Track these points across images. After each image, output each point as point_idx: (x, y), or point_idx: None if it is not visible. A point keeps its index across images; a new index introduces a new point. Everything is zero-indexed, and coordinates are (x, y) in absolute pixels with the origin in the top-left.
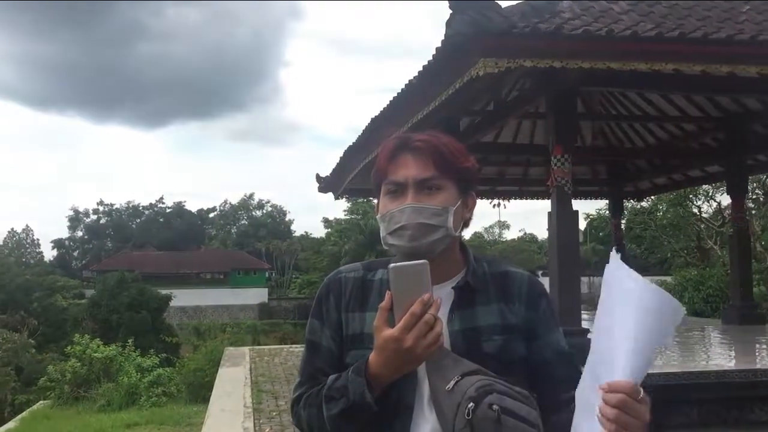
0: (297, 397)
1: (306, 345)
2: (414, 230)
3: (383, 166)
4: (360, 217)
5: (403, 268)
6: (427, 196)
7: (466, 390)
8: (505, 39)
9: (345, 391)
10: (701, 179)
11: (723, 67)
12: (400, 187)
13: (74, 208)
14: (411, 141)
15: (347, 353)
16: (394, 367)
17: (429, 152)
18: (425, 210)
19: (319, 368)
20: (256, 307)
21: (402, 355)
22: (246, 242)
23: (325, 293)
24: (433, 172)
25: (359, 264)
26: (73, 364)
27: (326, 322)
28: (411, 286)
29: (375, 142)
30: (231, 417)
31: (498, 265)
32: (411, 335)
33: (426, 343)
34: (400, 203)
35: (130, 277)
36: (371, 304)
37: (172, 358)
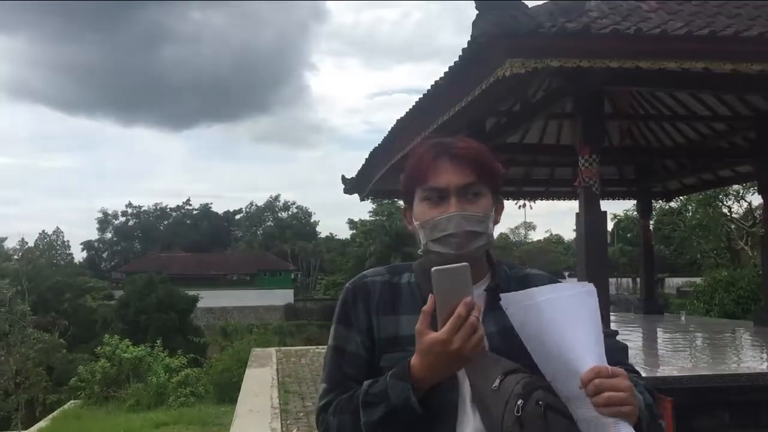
0: (325, 404)
1: (331, 351)
2: (462, 238)
3: (422, 172)
4: (385, 218)
5: (446, 271)
6: (469, 203)
7: (512, 388)
8: (532, 39)
9: (385, 397)
10: (731, 179)
11: (754, 66)
12: (441, 193)
13: (103, 210)
14: (452, 147)
15: (380, 357)
16: (440, 370)
17: (470, 159)
18: (471, 217)
19: (347, 374)
20: (282, 308)
21: (449, 357)
22: (272, 244)
23: (352, 298)
24: (474, 178)
25: (382, 268)
26: (103, 365)
27: (354, 326)
28: (454, 289)
29: (401, 144)
30: (259, 417)
31: (518, 270)
32: (458, 337)
33: (471, 345)
34: (442, 210)
35: (158, 278)
36: (403, 307)
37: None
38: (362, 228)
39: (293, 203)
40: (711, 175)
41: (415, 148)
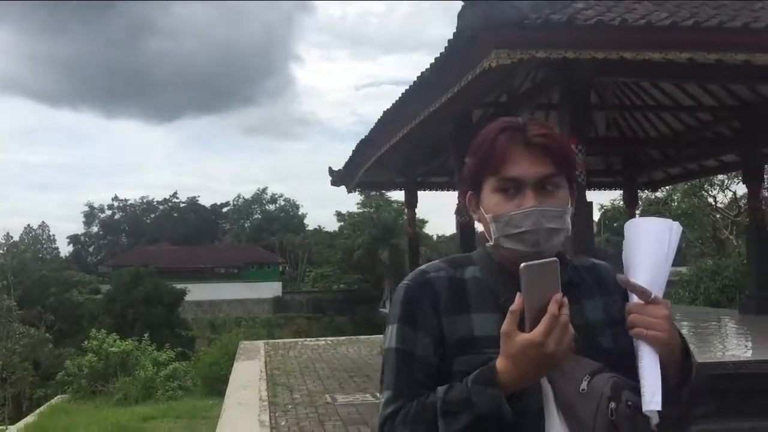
0: (392, 413)
1: (395, 355)
2: (539, 236)
3: (494, 160)
4: (373, 210)
5: (536, 267)
6: (546, 197)
7: (601, 389)
8: (518, 30)
9: (468, 405)
10: (716, 169)
11: (738, 56)
12: (517, 185)
13: (89, 203)
14: (527, 133)
15: (453, 360)
16: (532, 374)
17: (548, 147)
18: (550, 213)
19: (416, 380)
20: (271, 301)
21: (543, 360)
22: (259, 236)
23: (416, 296)
24: (553, 169)
25: (440, 262)
26: (90, 359)
27: (422, 328)
28: (543, 286)
29: (387, 136)
30: (247, 410)
31: (582, 259)
32: (552, 339)
33: (565, 346)
34: (518, 204)
35: (145, 272)
36: (473, 304)
37: (187, 352)
38: (350, 220)
39: (281, 196)
40: (696, 165)
41: (485, 131)
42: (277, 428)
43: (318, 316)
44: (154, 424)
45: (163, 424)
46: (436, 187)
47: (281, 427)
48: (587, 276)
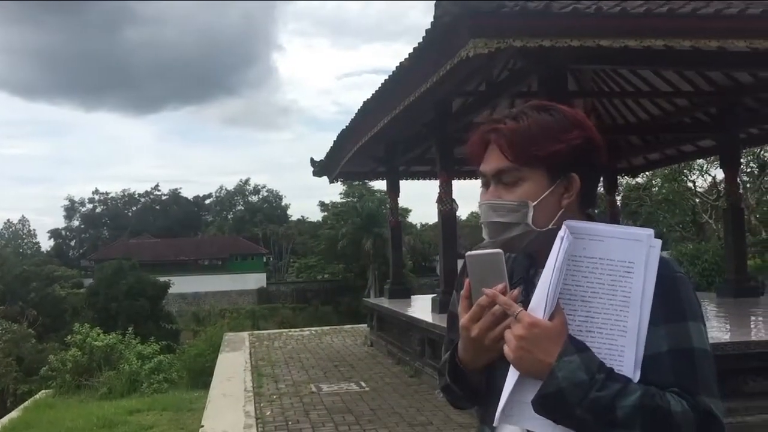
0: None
1: (448, 317)
2: (489, 228)
3: (474, 156)
4: (356, 199)
5: (477, 257)
6: (505, 190)
7: None
8: (495, 19)
9: (445, 368)
10: (694, 154)
11: (712, 42)
12: (485, 179)
13: (70, 197)
14: (493, 129)
15: None
16: (470, 355)
17: (506, 141)
18: (500, 207)
19: (452, 339)
20: (255, 292)
21: (471, 344)
22: (243, 228)
23: (463, 267)
24: (508, 163)
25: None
26: (74, 353)
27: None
28: (487, 275)
29: (368, 126)
30: (232, 401)
31: None
32: (476, 326)
33: (493, 336)
34: (482, 197)
35: (128, 265)
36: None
37: (172, 345)
38: (333, 210)
39: (263, 187)
40: (674, 150)
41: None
42: (262, 418)
43: (302, 307)
44: (140, 416)
45: (148, 417)
46: (419, 176)
47: (266, 418)
48: None
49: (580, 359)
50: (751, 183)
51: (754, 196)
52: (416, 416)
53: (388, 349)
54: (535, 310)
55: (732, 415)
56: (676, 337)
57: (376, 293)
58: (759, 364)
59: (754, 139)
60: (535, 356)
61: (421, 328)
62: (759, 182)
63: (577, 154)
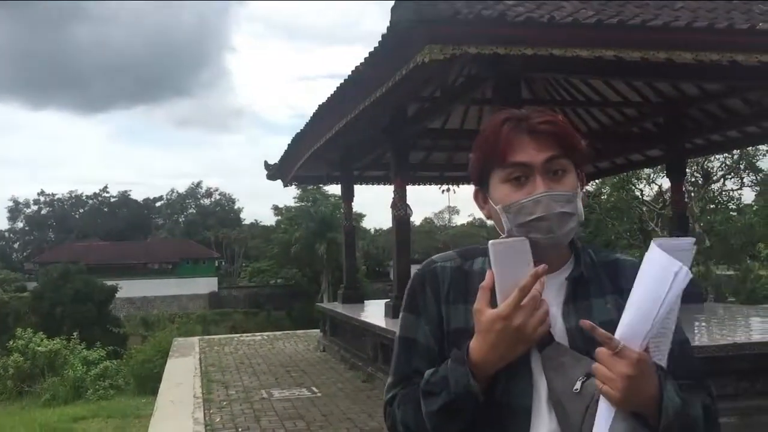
0: (391, 398)
1: (399, 342)
2: (552, 221)
3: (499, 150)
4: (310, 203)
5: (505, 245)
6: (555, 181)
7: (594, 391)
8: (450, 26)
9: (446, 384)
10: (642, 163)
11: (660, 54)
12: (524, 171)
13: (14, 198)
14: (529, 120)
15: (449, 350)
16: (502, 351)
17: (551, 131)
18: (560, 197)
19: (415, 368)
20: (206, 297)
21: (510, 335)
22: (194, 231)
23: (420, 285)
24: (559, 151)
25: (453, 253)
26: (15, 359)
27: (423, 316)
28: (514, 264)
29: (323, 130)
30: (181, 408)
31: (606, 254)
32: (521, 312)
33: (535, 321)
34: (528, 191)
35: (75, 268)
36: (473, 297)
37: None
38: (287, 214)
39: (216, 190)
40: (623, 159)
41: (488, 124)
42: (212, 425)
43: (255, 312)
44: (85, 424)
45: (93, 424)
46: (373, 180)
47: (216, 424)
48: (603, 272)
49: (671, 385)
50: (695, 192)
51: (698, 204)
52: (368, 422)
53: (341, 354)
54: (630, 341)
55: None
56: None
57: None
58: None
59: (699, 150)
60: (643, 392)
61: (374, 333)
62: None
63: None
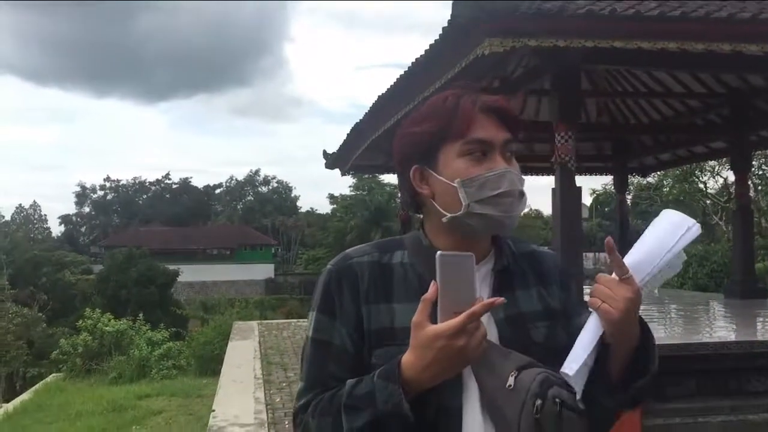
0: (304, 404)
1: (311, 345)
2: (515, 198)
3: (460, 123)
4: (366, 193)
5: (452, 259)
6: (509, 162)
7: (528, 386)
8: (510, 19)
9: (371, 400)
10: (705, 155)
11: (725, 46)
12: (483, 148)
13: (81, 183)
14: (487, 100)
15: (372, 352)
16: (439, 370)
17: (508, 113)
18: (518, 176)
19: (330, 372)
20: (263, 283)
21: (451, 355)
22: (252, 218)
23: (336, 283)
24: (512, 135)
25: (368, 246)
26: (84, 338)
27: (339, 317)
28: (457, 278)
29: (382, 120)
30: (242, 388)
31: (523, 245)
32: (464, 334)
33: (476, 341)
34: (488, 167)
35: (138, 252)
36: (397, 293)
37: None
38: (342, 203)
39: (273, 178)
40: (685, 151)
41: (440, 97)
42: (272, 404)
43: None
44: (149, 401)
45: (158, 402)
46: None
47: (276, 404)
48: (524, 263)
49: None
50: (762, 186)
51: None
52: None
53: None
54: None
55: (735, 414)
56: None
57: None
58: (763, 363)
59: (765, 142)
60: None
61: None
62: None
63: None
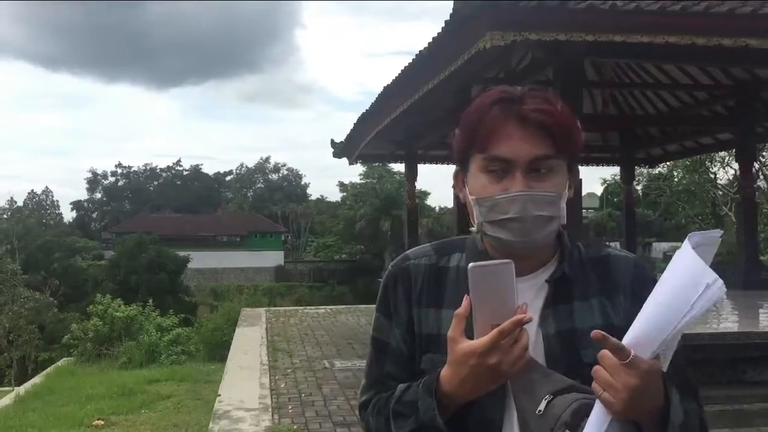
0: (364, 402)
1: (372, 343)
2: (527, 223)
3: (482, 135)
4: (376, 181)
5: (486, 269)
6: (537, 180)
7: (560, 414)
8: (512, 13)
9: (415, 409)
10: (712, 146)
11: (725, 40)
12: (505, 165)
13: (92, 170)
14: (525, 108)
15: (421, 356)
16: (473, 386)
17: (547, 124)
18: (541, 199)
19: (388, 372)
20: (272, 270)
21: (484, 373)
22: (262, 205)
23: (392, 284)
24: (551, 150)
25: (429, 247)
26: (95, 323)
27: (395, 318)
28: (493, 290)
29: (388, 110)
30: (248, 373)
31: (597, 249)
32: (497, 352)
33: (513, 358)
34: (505, 186)
35: (149, 239)
36: (447, 299)
37: (190, 318)
38: (353, 191)
39: (284, 165)
40: (692, 142)
41: (478, 101)
42: (277, 390)
43: (319, 286)
44: (158, 386)
45: (166, 387)
46: (437, 160)
47: (281, 389)
48: (592, 271)
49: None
50: None
51: None
52: None
53: None
54: (641, 348)
55: (730, 403)
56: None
57: None
58: (758, 354)
59: None
60: (647, 402)
61: None
62: None
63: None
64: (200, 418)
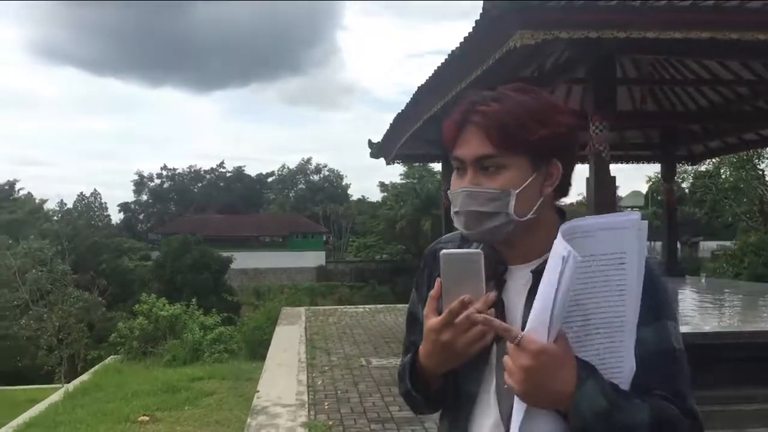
0: (399, 367)
1: (407, 315)
2: (466, 218)
3: (448, 139)
4: (416, 181)
5: (454, 256)
6: (486, 177)
7: None
8: (542, 11)
9: (405, 374)
10: (756, 142)
11: (760, 35)
12: (461, 164)
13: (139, 172)
14: (476, 110)
15: None
16: (437, 360)
17: (489, 126)
18: (480, 195)
19: (413, 341)
20: (314, 270)
21: (441, 349)
22: (304, 206)
23: (423, 263)
24: (492, 150)
25: (459, 234)
26: (141, 322)
27: (420, 294)
28: (462, 276)
29: (423, 110)
30: (286, 370)
31: None
32: (449, 330)
33: (466, 340)
34: (459, 184)
35: (193, 239)
36: None
37: (233, 317)
38: (393, 191)
39: (325, 166)
40: (735, 138)
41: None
42: (314, 387)
43: (360, 285)
44: (202, 384)
45: (209, 384)
46: None
47: (317, 386)
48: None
49: (596, 384)
50: None
51: None
52: None
53: None
54: (536, 332)
55: None
56: (661, 337)
57: None
58: None
59: None
60: (549, 387)
61: None
62: None
63: (561, 141)
64: (241, 414)
